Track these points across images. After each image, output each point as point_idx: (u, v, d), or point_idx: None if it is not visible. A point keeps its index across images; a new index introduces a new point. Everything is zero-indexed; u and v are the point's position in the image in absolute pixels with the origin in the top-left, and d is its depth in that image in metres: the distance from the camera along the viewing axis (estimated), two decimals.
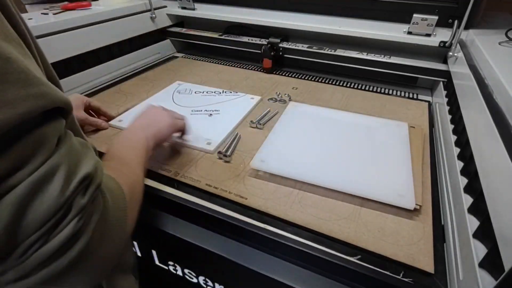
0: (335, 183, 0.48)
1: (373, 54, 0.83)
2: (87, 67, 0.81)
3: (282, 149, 0.56)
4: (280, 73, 0.93)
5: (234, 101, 0.74)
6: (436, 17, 0.73)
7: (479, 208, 0.36)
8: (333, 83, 0.88)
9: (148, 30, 0.98)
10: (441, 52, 0.79)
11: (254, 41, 0.94)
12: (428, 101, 0.77)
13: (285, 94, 0.78)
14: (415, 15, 0.75)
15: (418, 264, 0.38)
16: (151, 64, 1.00)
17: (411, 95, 0.81)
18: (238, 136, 0.61)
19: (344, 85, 0.86)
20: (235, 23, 0.99)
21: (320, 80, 0.89)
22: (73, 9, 0.82)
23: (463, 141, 0.49)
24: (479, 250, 0.32)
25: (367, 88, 0.85)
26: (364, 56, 0.83)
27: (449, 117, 0.60)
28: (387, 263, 0.38)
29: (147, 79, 0.88)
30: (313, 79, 0.89)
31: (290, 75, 0.92)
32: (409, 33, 0.77)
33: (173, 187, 0.50)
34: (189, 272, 0.62)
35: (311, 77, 0.91)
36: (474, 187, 0.39)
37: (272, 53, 0.90)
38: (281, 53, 0.91)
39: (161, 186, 0.50)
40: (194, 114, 0.68)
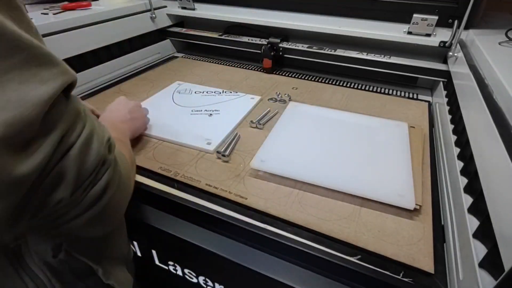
0: (335, 183, 0.48)
1: (373, 54, 0.83)
2: (87, 67, 0.81)
3: (282, 149, 0.56)
4: (280, 73, 0.93)
5: (234, 101, 0.74)
6: (436, 17, 0.73)
7: (479, 208, 0.36)
8: (333, 83, 0.88)
9: (148, 30, 0.98)
10: (441, 52, 0.79)
11: (254, 41, 0.94)
12: (428, 101, 0.78)
13: (285, 94, 0.78)
14: (415, 15, 0.75)
15: (418, 264, 0.38)
16: (151, 64, 1.00)
17: (411, 95, 0.81)
18: (238, 136, 0.61)
19: (344, 85, 0.86)
20: (235, 23, 0.99)
21: (320, 80, 0.89)
22: (73, 9, 0.82)
23: (463, 141, 0.49)
24: (479, 250, 0.32)
25: (367, 88, 0.85)
26: (364, 56, 0.83)
27: (449, 117, 0.60)
28: (387, 263, 0.38)
29: (147, 79, 0.88)
30: (313, 79, 0.89)
31: (290, 75, 0.92)
32: (409, 33, 0.77)
33: (173, 187, 0.50)
34: (189, 272, 0.62)
35: (311, 77, 0.91)
36: (474, 187, 0.39)
37: (272, 53, 0.90)
38: (281, 53, 0.91)
39: (161, 186, 0.50)
40: (194, 114, 0.68)
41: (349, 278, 0.39)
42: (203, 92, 0.78)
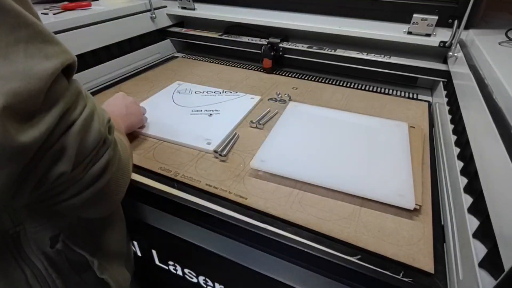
0: (335, 183, 0.48)
1: (373, 54, 0.83)
2: (87, 67, 0.81)
3: (282, 149, 0.56)
4: (280, 73, 0.93)
5: (234, 101, 0.74)
6: (436, 17, 0.73)
7: (479, 208, 0.36)
8: (333, 83, 0.88)
9: (148, 30, 0.98)
10: (441, 52, 0.79)
11: (254, 41, 0.94)
12: (428, 101, 0.78)
13: (285, 94, 0.78)
14: (415, 15, 0.75)
15: (418, 264, 0.38)
16: (151, 64, 1.00)
17: (411, 95, 0.81)
18: (236, 136, 0.61)
19: (344, 85, 0.86)
20: (235, 23, 0.99)
21: (320, 80, 0.89)
22: (73, 9, 0.82)
23: (463, 141, 0.49)
24: (479, 250, 0.32)
25: (367, 88, 0.85)
26: (364, 56, 0.83)
27: (449, 117, 0.60)
28: (387, 263, 0.38)
29: (147, 79, 0.88)
30: (313, 79, 0.89)
31: (290, 75, 0.92)
32: (409, 33, 0.77)
33: (173, 187, 0.50)
34: (189, 272, 0.62)
35: (311, 77, 0.91)
36: (474, 187, 0.39)
37: (272, 53, 0.90)
38: (281, 53, 0.91)
39: (161, 186, 0.50)
40: (194, 114, 0.68)
41: (349, 278, 0.39)
42: (203, 92, 0.78)
